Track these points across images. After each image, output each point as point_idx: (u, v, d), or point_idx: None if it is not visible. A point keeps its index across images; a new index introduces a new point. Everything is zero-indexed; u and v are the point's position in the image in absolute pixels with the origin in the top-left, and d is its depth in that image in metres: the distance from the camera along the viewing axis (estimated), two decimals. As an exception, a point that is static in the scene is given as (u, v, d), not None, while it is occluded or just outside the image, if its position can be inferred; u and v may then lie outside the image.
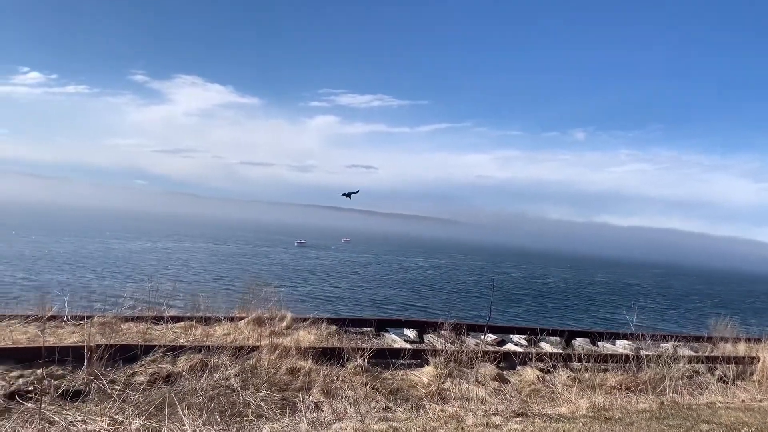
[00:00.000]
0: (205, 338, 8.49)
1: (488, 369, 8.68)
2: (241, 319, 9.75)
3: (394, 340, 10.62)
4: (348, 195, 13.28)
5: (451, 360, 8.63)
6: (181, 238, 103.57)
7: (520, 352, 9.77)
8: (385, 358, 8.56)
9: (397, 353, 8.80)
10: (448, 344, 9.27)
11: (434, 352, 8.75)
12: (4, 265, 43.01)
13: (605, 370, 9.61)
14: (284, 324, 9.86)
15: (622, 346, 12.36)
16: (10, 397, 5.96)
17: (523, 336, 11.90)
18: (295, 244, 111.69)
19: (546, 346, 11.38)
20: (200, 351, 7.43)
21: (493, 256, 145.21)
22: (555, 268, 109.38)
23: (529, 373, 9.05)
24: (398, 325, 11.77)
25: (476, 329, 11.16)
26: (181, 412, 5.39)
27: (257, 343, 8.14)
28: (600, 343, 12.47)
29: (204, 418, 5.37)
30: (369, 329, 10.99)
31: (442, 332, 10.23)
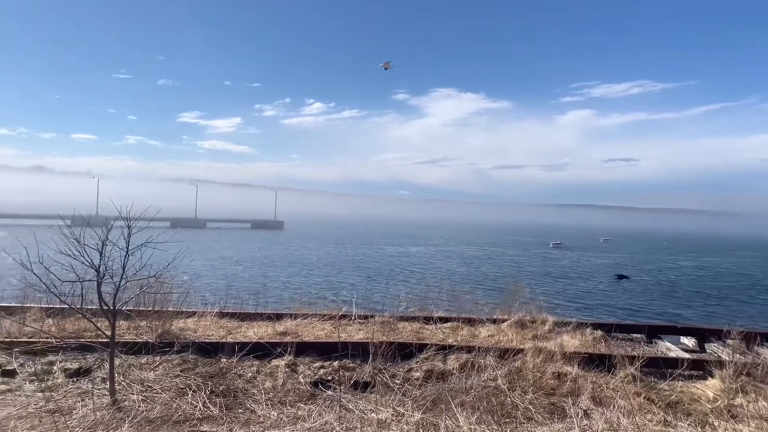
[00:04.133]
0: (470, 339, 8.91)
1: (794, 387, 7.42)
2: (504, 321, 9.97)
3: (668, 348, 9.74)
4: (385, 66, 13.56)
5: (741, 373, 7.60)
6: (440, 242, 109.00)
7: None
8: (660, 367, 7.92)
9: (673, 363, 8.08)
10: (737, 355, 8.18)
11: (720, 363, 7.81)
12: (309, 269, 50.67)
13: None
14: (546, 327, 9.80)
15: None
16: (315, 384, 7.07)
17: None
18: (550, 245, 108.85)
19: None
20: (468, 351, 7.83)
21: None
22: None
23: None
24: (673, 332, 10.73)
25: (773, 339, 9.62)
26: (454, 409, 5.78)
27: (521, 346, 8.25)
28: None
29: (476, 416, 5.67)
30: (639, 336, 10.26)
31: (728, 341, 9.07)
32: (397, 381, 7.17)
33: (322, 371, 7.38)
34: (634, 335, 10.30)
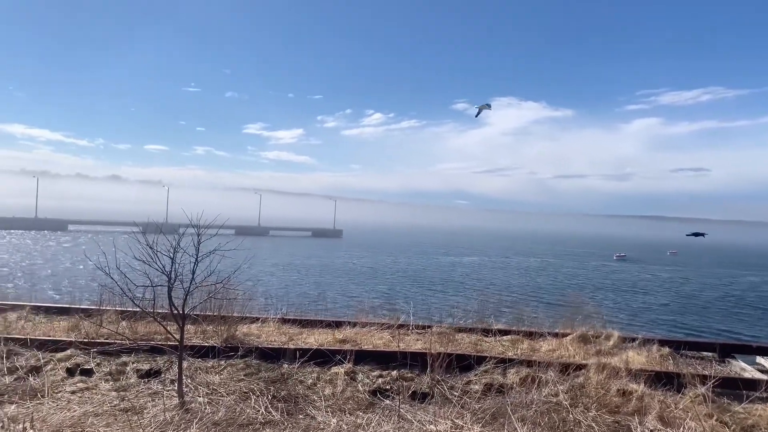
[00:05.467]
0: (531, 352, 8.76)
1: None
2: (566, 335, 9.74)
3: (743, 368, 9.25)
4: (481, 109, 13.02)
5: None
6: (497, 252, 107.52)
7: None
8: (734, 388, 7.54)
9: (751, 384, 7.66)
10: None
11: (803, 386, 7.36)
12: (366, 278, 51.12)
13: None
14: (610, 343, 9.50)
15: None
16: (373, 393, 7.12)
17: None
18: (614, 257, 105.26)
19: None
20: (528, 365, 7.70)
21: None
22: None
23: None
24: (748, 351, 10.18)
25: None
26: (515, 424, 5.70)
27: (584, 361, 8.04)
28: None
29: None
30: (709, 354, 9.80)
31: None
32: (455, 393, 7.14)
33: (380, 380, 7.42)
34: (705, 353, 9.85)
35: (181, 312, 6.53)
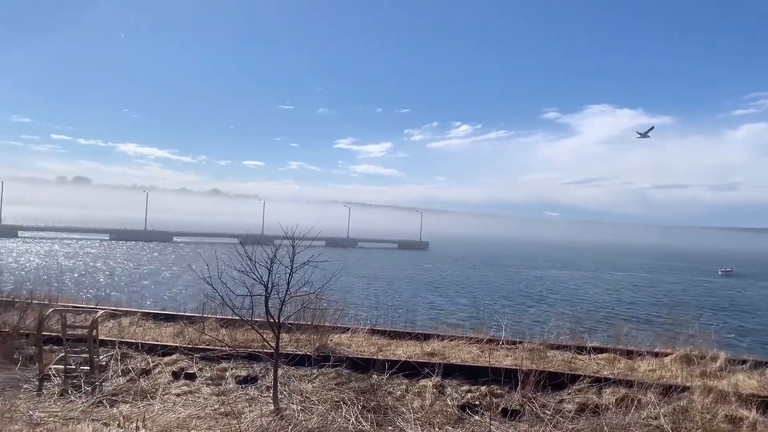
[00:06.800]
0: (628, 372, 8.35)
1: None
2: (666, 355, 9.23)
3: None
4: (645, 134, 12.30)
5: None
6: (588, 266, 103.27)
7: None
8: None
9: None
10: None
11: None
12: (453, 290, 50.84)
13: None
14: (717, 365, 8.89)
15: None
16: (462, 408, 7.07)
17: None
18: (719, 272, 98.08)
19: None
20: (626, 385, 7.36)
21: None
22: None
23: None
24: None
25: None
26: (612, 446, 5.47)
27: (687, 384, 7.58)
28: None
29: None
30: (835, 381, 8.92)
31: None
32: (547, 412, 6.95)
33: (469, 395, 7.36)
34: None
35: (276, 321, 6.81)
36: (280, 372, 7.18)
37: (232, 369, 7.92)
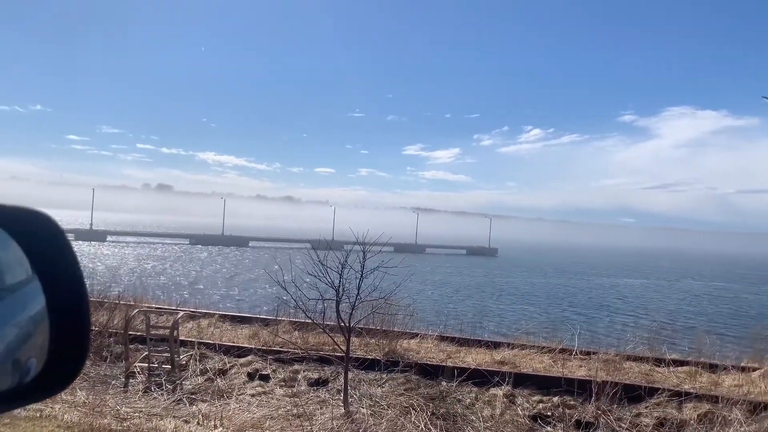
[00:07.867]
0: (712, 387, 7.93)
1: None
2: (754, 370, 8.70)
3: None
4: None
5: None
6: (669, 274, 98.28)
7: None
8: None
9: None
10: None
11: None
12: (523, 297, 49.86)
13: None
14: (812, 382, 8.29)
15: None
16: (533, 418, 6.95)
17: None
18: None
19: None
20: (709, 401, 7.00)
21: None
22: None
23: None
24: None
25: None
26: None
27: (778, 401, 7.12)
28: None
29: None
30: None
31: None
32: (623, 425, 6.72)
33: (541, 405, 7.22)
34: None
35: (347, 325, 6.94)
36: (350, 376, 7.31)
37: (304, 371, 8.12)
